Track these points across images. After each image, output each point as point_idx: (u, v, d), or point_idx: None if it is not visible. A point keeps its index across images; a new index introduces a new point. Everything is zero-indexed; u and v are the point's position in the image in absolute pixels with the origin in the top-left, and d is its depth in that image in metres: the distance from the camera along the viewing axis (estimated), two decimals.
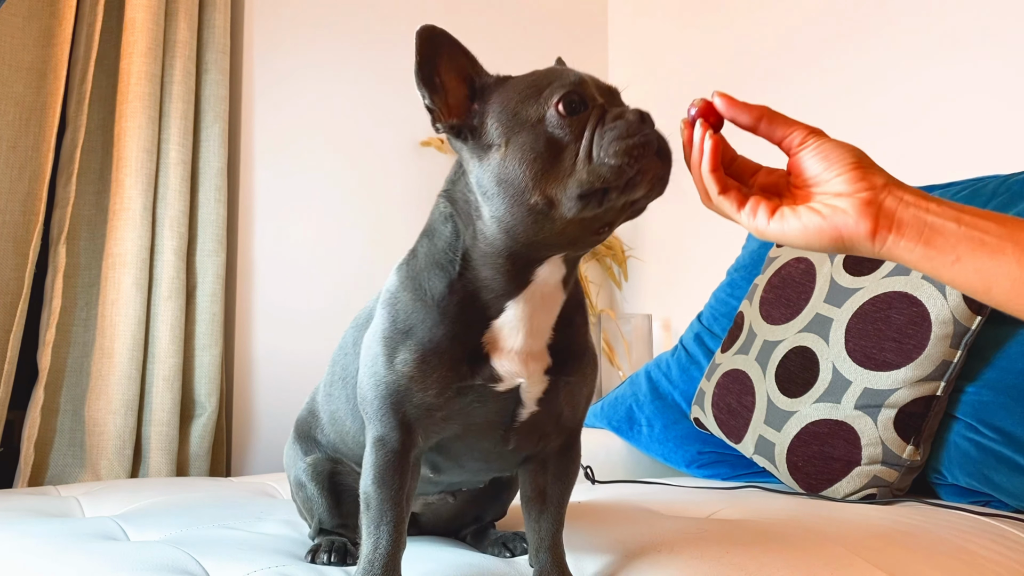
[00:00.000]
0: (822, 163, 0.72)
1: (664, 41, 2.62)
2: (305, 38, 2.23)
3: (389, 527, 0.78)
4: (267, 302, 2.13)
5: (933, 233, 0.68)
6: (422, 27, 0.76)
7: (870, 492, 1.34)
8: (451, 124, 0.77)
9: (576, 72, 0.76)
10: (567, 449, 0.88)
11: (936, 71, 1.87)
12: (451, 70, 0.78)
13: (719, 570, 0.81)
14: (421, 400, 0.78)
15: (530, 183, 0.72)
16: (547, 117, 0.73)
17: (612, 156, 0.71)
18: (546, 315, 0.80)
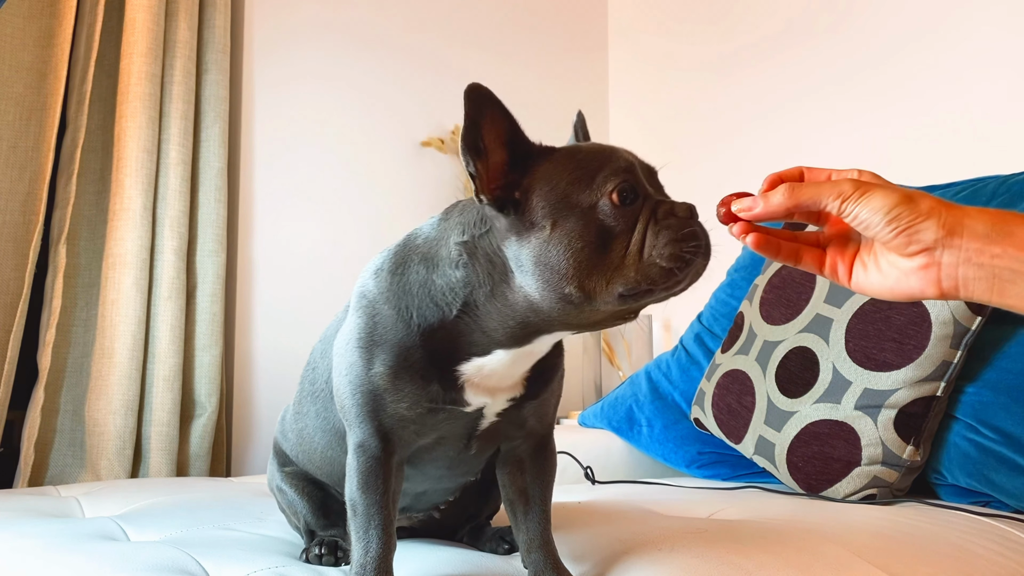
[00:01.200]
0: (865, 230, 0.66)
1: (664, 41, 2.62)
2: (305, 38, 2.23)
3: (378, 530, 0.79)
4: (267, 302, 2.13)
5: (1003, 284, 0.61)
6: (471, 86, 0.72)
7: (870, 492, 1.34)
8: (496, 197, 0.74)
9: (625, 156, 0.75)
10: (541, 448, 0.90)
11: (936, 71, 1.87)
12: (492, 133, 0.74)
13: (719, 570, 0.81)
14: (394, 410, 0.79)
15: (571, 272, 0.71)
16: (600, 206, 0.71)
17: (666, 259, 0.69)
18: (529, 362, 0.82)
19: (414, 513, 1.01)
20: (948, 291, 0.64)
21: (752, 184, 0.79)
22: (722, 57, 2.40)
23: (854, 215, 0.65)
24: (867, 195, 0.65)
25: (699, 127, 2.46)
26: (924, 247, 0.63)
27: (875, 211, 0.64)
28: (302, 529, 1.01)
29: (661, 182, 0.79)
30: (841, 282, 0.70)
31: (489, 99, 0.73)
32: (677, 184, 2.72)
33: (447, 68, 2.45)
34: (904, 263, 0.65)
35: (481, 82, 0.73)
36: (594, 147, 0.76)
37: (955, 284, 0.63)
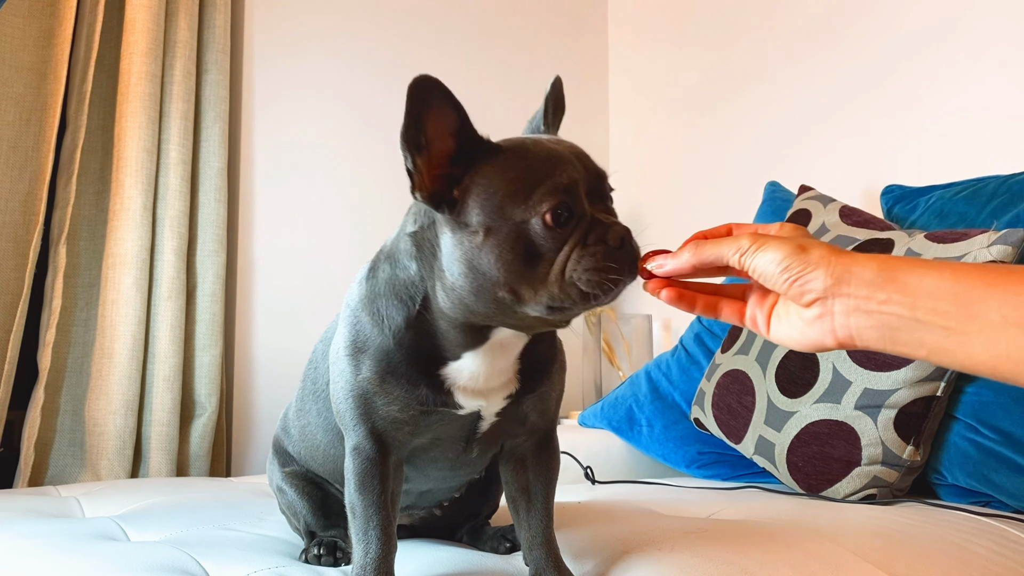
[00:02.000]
0: (764, 281, 0.67)
1: (664, 40, 2.62)
2: (305, 38, 2.23)
3: (377, 531, 0.79)
4: (267, 302, 2.13)
5: (892, 332, 0.61)
6: (417, 78, 0.72)
7: (870, 492, 1.34)
8: (431, 194, 0.74)
9: (569, 170, 0.73)
10: (544, 445, 0.90)
11: (936, 71, 1.87)
12: (439, 124, 0.74)
13: (719, 570, 0.81)
14: (386, 412, 0.80)
15: (501, 279, 0.72)
16: (532, 223, 0.71)
17: (585, 284, 0.70)
18: (507, 357, 0.81)
19: (416, 511, 1.01)
20: (844, 340, 0.64)
21: (751, 180, 0.79)
22: (721, 57, 2.40)
23: (752, 267, 0.67)
24: (762, 248, 0.66)
25: (699, 122, 2.46)
26: (816, 296, 0.64)
27: (769, 262, 0.65)
28: (302, 530, 1.01)
29: (611, 187, 0.79)
30: (761, 333, 0.71)
31: (437, 90, 0.73)
32: (676, 176, 2.71)
33: (445, 68, 2.45)
34: (804, 313, 0.66)
35: (488, 89, 0.73)
36: (541, 153, 0.74)
37: (849, 334, 0.63)
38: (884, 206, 1.75)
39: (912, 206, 1.67)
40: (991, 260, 1.29)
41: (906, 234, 1.46)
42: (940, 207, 1.59)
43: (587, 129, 2.75)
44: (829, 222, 1.60)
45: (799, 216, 1.69)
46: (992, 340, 0.57)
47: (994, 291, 0.57)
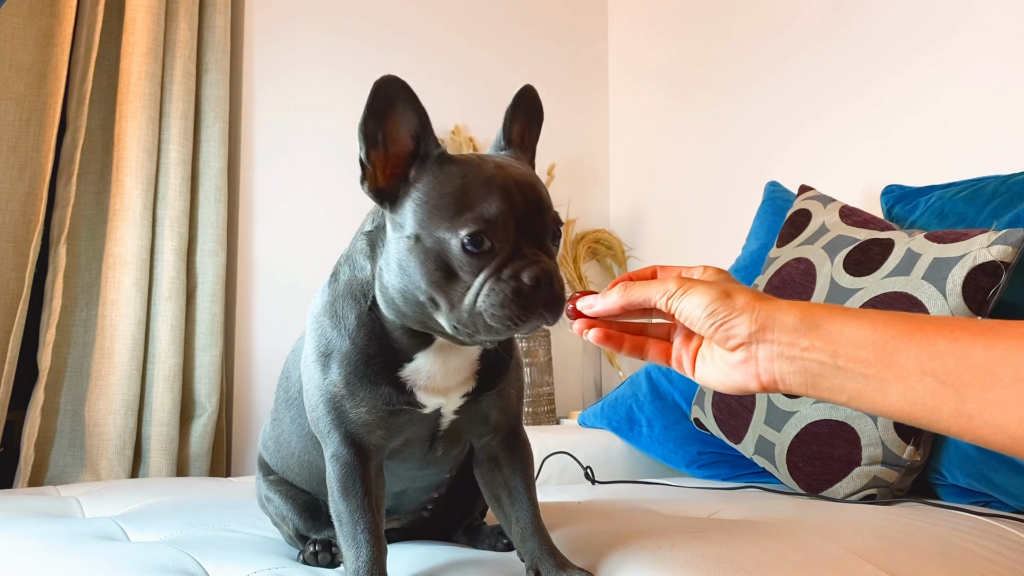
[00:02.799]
0: (691, 325, 0.68)
1: (664, 40, 2.62)
2: (305, 38, 2.23)
3: (365, 535, 0.80)
4: (267, 302, 2.13)
5: (815, 378, 0.63)
6: (381, 78, 0.74)
7: (870, 492, 1.34)
8: (377, 189, 0.77)
9: (501, 201, 0.73)
10: (513, 440, 0.90)
11: (936, 71, 1.87)
12: (401, 124, 0.76)
13: (719, 569, 0.81)
14: (356, 416, 0.81)
15: (422, 286, 0.74)
16: (451, 244, 0.73)
17: (490, 318, 0.71)
18: (461, 358, 0.83)
19: (401, 514, 1.01)
20: (767, 385, 0.65)
21: (751, 180, 0.79)
22: (720, 57, 2.40)
23: (679, 311, 0.68)
24: (688, 292, 0.67)
25: (699, 121, 2.46)
26: (741, 342, 0.65)
27: (695, 307, 0.66)
28: (293, 536, 1.00)
29: (551, 223, 0.78)
30: (686, 374, 0.72)
31: (404, 91, 0.75)
32: (676, 176, 2.71)
33: (446, 69, 2.45)
34: (729, 357, 0.67)
35: (488, 89, 0.74)
36: (479, 176, 0.75)
37: (772, 378, 0.64)
38: (884, 206, 1.75)
39: (912, 206, 1.67)
40: (991, 260, 1.30)
41: (906, 234, 1.46)
42: (940, 207, 1.59)
43: (587, 129, 2.75)
44: (829, 222, 1.61)
45: (799, 216, 1.69)
46: (909, 388, 0.58)
47: (910, 341, 0.59)
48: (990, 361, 0.56)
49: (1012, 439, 0.55)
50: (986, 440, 0.57)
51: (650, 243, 2.60)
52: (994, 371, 0.55)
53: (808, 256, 1.57)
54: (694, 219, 2.46)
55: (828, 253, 1.53)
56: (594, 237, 2.61)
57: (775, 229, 1.80)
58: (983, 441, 0.57)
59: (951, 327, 0.59)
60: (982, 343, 0.57)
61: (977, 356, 0.56)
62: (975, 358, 0.56)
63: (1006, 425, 0.55)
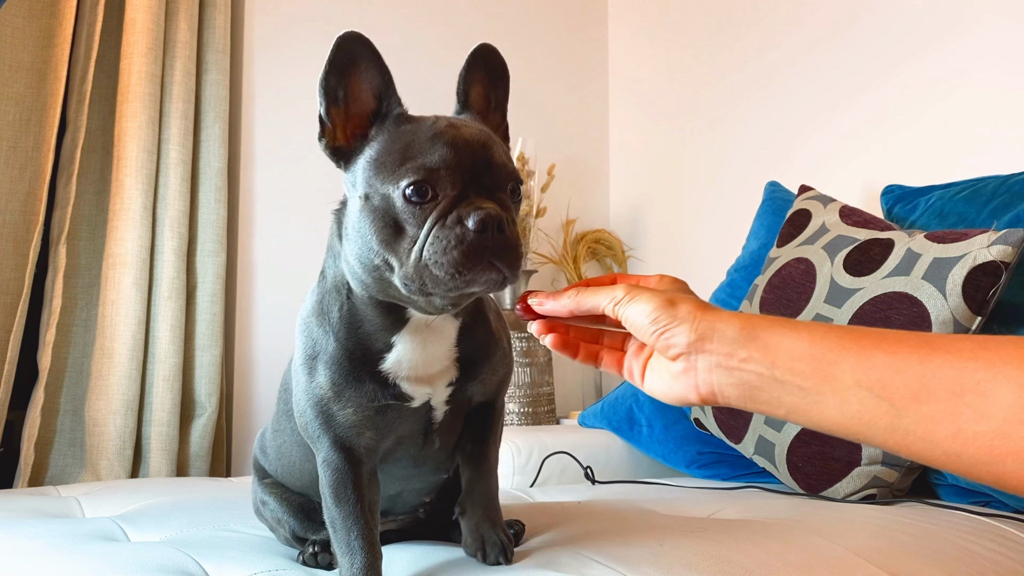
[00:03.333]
0: (636, 332, 0.67)
1: (664, 40, 2.62)
2: (305, 38, 2.23)
3: (359, 540, 0.80)
4: (267, 302, 2.13)
5: (752, 390, 0.62)
6: (343, 34, 0.74)
7: (870, 492, 1.34)
8: (333, 147, 0.77)
9: (442, 151, 0.72)
10: (487, 408, 0.90)
11: (936, 72, 1.87)
12: (363, 83, 0.76)
13: (719, 569, 0.81)
14: (344, 418, 0.80)
15: (375, 247, 0.73)
16: (393, 197, 0.72)
17: (435, 266, 0.69)
18: (439, 343, 0.81)
19: (396, 516, 1.01)
20: (706, 396, 0.64)
21: (751, 180, 0.79)
22: (720, 55, 2.40)
23: (624, 317, 0.67)
24: (634, 299, 0.66)
25: (699, 121, 2.46)
26: (680, 351, 0.64)
27: (639, 314, 0.66)
28: (291, 538, 0.99)
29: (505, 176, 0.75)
30: (636, 384, 0.72)
31: (367, 48, 0.75)
32: (676, 176, 2.71)
33: (446, 69, 2.44)
34: (671, 367, 0.66)
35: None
36: (426, 132, 0.73)
37: (711, 390, 0.64)
38: (884, 206, 1.75)
39: (912, 206, 1.67)
40: (991, 260, 1.30)
41: (906, 234, 1.46)
42: (940, 207, 1.59)
43: (587, 129, 2.75)
44: (829, 222, 1.60)
45: (799, 216, 1.69)
46: (845, 401, 0.58)
47: (848, 354, 0.58)
48: (925, 375, 0.55)
49: (946, 455, 0.54)
50: (921, 456, 0.56)
51: (650, 243, 2.60)
52: (928, 385, 0.54)
53: (808, 256, 1.57)
54: (694, 219, 2.46)
55: (828, 253, 1.53)
56: (594, 237, 2.61)
57: (775, 229, 1.80)
58: (919, 457, 0.56)
59: (889, 340, 0.58)
60: (918, 356, 0.56)
61: (912, 370, 0.55)
62: (910, 371, 0.55)
63: (940, 440, 0.54)
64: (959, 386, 0.53)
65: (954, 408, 0.53)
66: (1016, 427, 0.51)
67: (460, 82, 0.84)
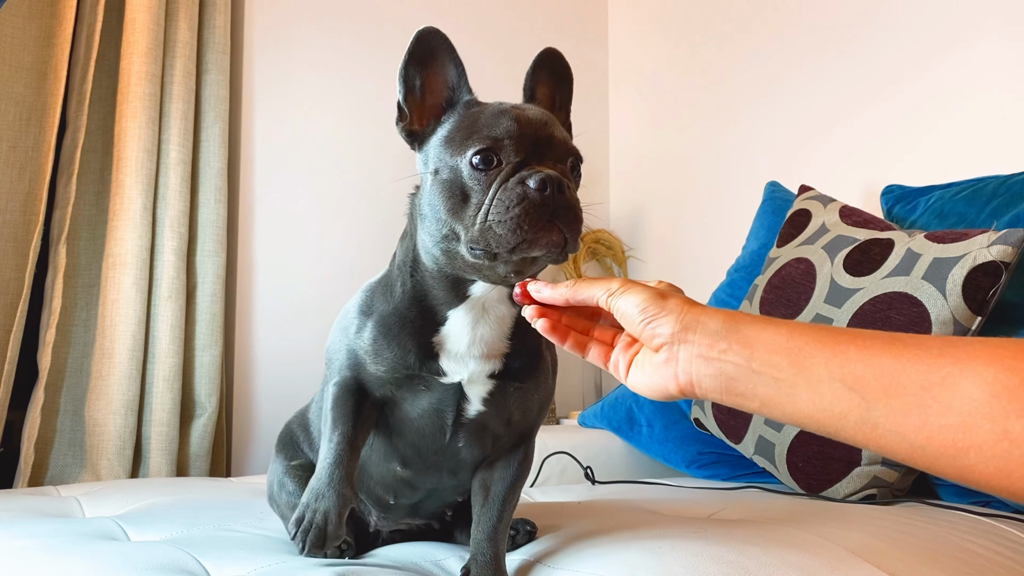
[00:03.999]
0: (626, 323, 0.70)
1: (664, 40, 2.62)
2: (305, 38, 2.23)
3: (339, 436, 0.84)
4: (267, 302, 2.13)
5: (729, 380, 0.64)
6: (422, 28, 0.80)
7: (870, 492, 1.34)
8: (409, 129, 0.83)
9: (507, 124, 0.77)
10: (516, 450, 0.91)
11: (935, 71, 1.87)
12: (439, 75, 0.82)
13: (719, 569, 0.81)
14: (374, 372, 0.85)
15: (444, 217, 0.77)
16: (461, 166, 0.77)
17: (498, 224, 0.73)
18: (493, 327, 0.84)
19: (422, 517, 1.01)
20: (684, 387, 0.66)
21: (751, 180, 0.79)
22: (719, 54, 2.40)
23: (616, 308, 0.70)
24: (627, 291, 0.70)
25: (699, 122, 2.46)
26: (664, 341, 0.67)
27: (630, 304, 0.69)
28: None
29: (565, 150, 0.80)
30: (620, 378, 0.74)
31: (444, 44, 0.82)
32: (677, 176, 2.70)
33: None
34: (654, 358, 0.68)
35: (486, 89, 0.79)
36: (492, 111, 0.79)
37: (690, 380, 0.66)
38: (884, 206, 1.75)
39: (912, 206, 1.67)
40: (991, 260, 1.30)
41: (906, 234, 1.46)
42: (940, 207, 1.59)
43: (587, 129, 2.75)
44: (829, 222, 1.61)
45: (799, 216, 1.69)
46: (818, 393, 0.60)
47: (823, 348, 0.60)
48: (896, 369, 0.57)
49: (912, 448, 0.56)
50: (889, 449, 0.57)
51: (650, 243, 2.60)
52: (899, 379, 0.56)
53: (808, 256, 1.57)
54: (694, 219, 2.46)
55: (828, 253, 1.53)
56: (594, 237, 2.61)
57: (775, 229, 1.80)
58: (886, 450, 0.58)
59: (864, 337, 0.60)
60: (890, 352, 0.58)
61: (885, 364, 0.57)
62: (883, 366, 0.57)
63: (907, 433, 0.56)
64: (927, 380, 0.55)
65: (921, 401, 0.55)
66: (979, 421, 0.52)
67: (527, 80, 0.89)
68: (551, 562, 0.88)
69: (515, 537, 0.97)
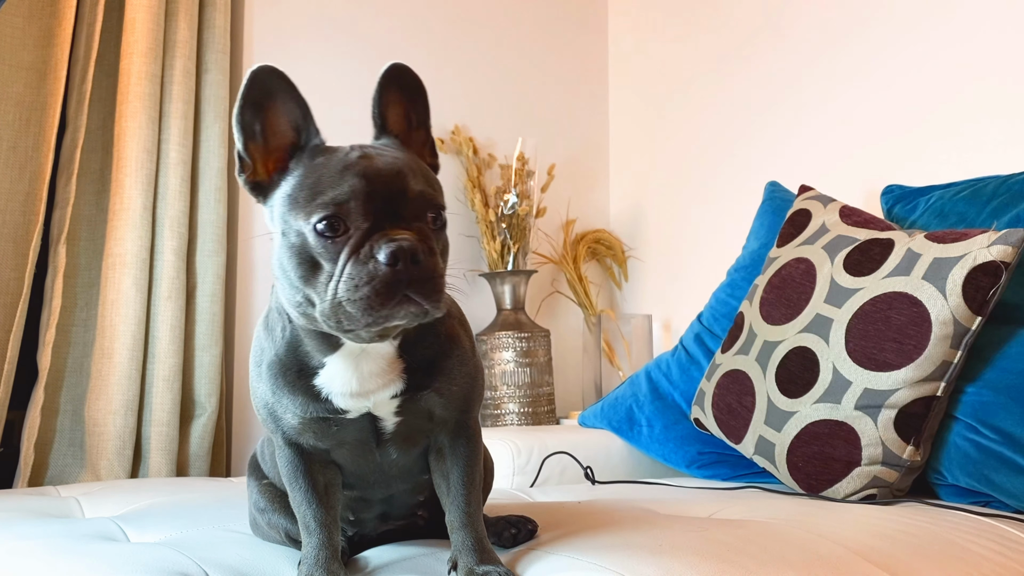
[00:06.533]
0: None
1: (664, 40, 2.62)
2: (305, 38, 2.23)
3: (313, 522, 0.84)
4: (267, 302, 2.13)
5: None
6: (256, 68, 0.73)
7: (870, 492, 1.34)
8: (253, 182, 0.77)
9: (355, 183, 0.71)
10: (459, 433, 0.88)
11: (936, 71, 1.87)
12: (281, 115, 0.76)
13: (720, 569, 0.81)
14: (287, 421, 0.83)
15: (296, 283, 0.73)
16: (306, 232, 0.72)
17: (349, 304, 0.70)
18: (375, 361, 0.81)
19: (394, 519, 1.00)
20: None
21: (751, 180, 0.79)
22: (719, 54, 2.40)
23: None
24: None
25: (699, 121, 2.46)
26: None
27: None
28: (286, 540, 0.98)
29: (421, 204, 0.74)
30: None
31: (282, 81, 0.75)
32: (676, 176, 2.71)
33: (446, 68, 2.45)
34: None
35: (488, 88, 0.73)
36: (337, 165, 0.73)
37: None
38: (884, 206, 1.75)
39: (912, 206, 1.67)
40: (991, 260, 1.29)
41: (906, 234, 1.46)
42: (940, 207, 1.59)
43: (587, 129, 2.75)
44: (829, 222, 1.60)
45: (799, 216, 1.69)
46: None
47: None
48: None
49: None
50: None
51: (650, 243, 2.60)
52: None
53: (808, 256, 1.57)
54: (694, 219, 2.45)
55: (828, 253, 1.53)
56: (594, 237, 2.61)
57: (775, 229, 1.80)
58: None
59: None
60: None
61: None
62: None
63: None
64: None
65: None
66: None
67: (375, 105, 0.84)
68: (551, 563, 0.88)
69: (516, 535, 0.97)
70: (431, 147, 0.87)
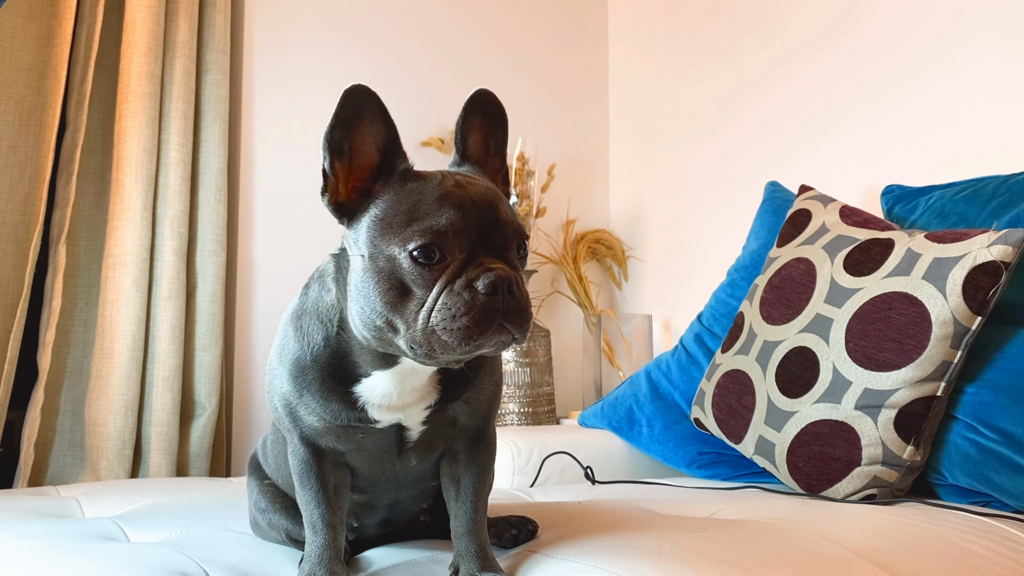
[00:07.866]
0: None
1: (664, 40, 2.62)
2: (305, 38, 2.23)
3: (320, 522, 0.84)
4: (267, 302, 2.13)
5: None
6: (350, 87, 0.73)
7: (870, 492, 1.34)
8: (337, 203, 0.77)
9: (453, 213, 0.71)
10: (477, 440, 0.89)
11: (936, 71, 1.87)
12: (368, 136, 0.75)
13: (720, 569, 0.81)
14: (308, 422, 0.83)
15: (379, 308, 0.73)
16: (401, 259, 0.72)
17: (444, 333, 0.70)
18: (420, 377, 0.81)
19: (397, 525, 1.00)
20: None
21: (751, 181, 0.78)
22: (719, 52, 2.40)
23: None
24: None
25: (699, 121, 2.46)
26: None
27: None
28: (286, 540, 0.99)
29: (513, 235, 0.75)
30: None
31: (373, 102, 0.74)
32: (677, 176, 2.71)
33: (446, 68, 2.45)
34: None
35: (489, 88, 0.73)
36: (433, 192, 0.73)
37: None
38: (884, 206, 1.75)
39: (912, 206, 1.67)
40: (991, 260, 1.30)
41: (906, 234, 1.46)
42: (940, 207, 1.59)
43: (587, 128, 2.75)
44: (829, 222, 1.61)
45: (799, 216, 1.69)
46: None
47: None
48: None
49: None
50: None
51: (650, 243, 2.60)
52: None
53: (808, 256, 1.57)
54: (694, 219, 2.45)
55: (828, 253, 1.53)
56: (594, 237, 2.61)
57: (775, 229, 1.80)
58: None
59: None
60: None
61: None
62: None
63: None
64: None
65: None
66: None
67: (458, 131, 0.83)
68: (551, 563, 0.88)
69: (517, 536, 0.97)
70: (505, 174, 0.87)
